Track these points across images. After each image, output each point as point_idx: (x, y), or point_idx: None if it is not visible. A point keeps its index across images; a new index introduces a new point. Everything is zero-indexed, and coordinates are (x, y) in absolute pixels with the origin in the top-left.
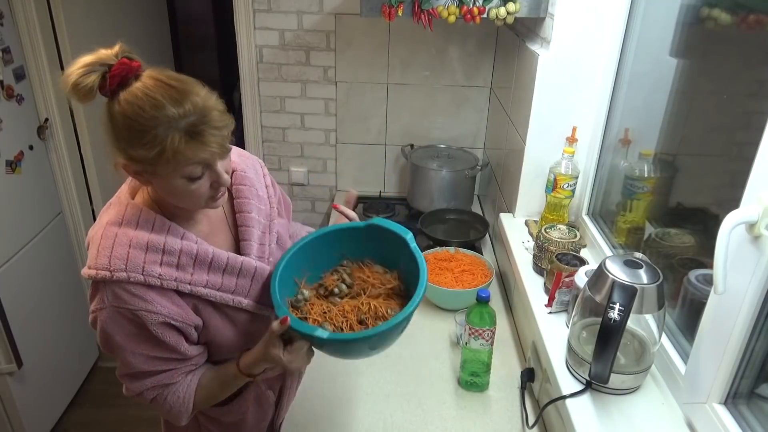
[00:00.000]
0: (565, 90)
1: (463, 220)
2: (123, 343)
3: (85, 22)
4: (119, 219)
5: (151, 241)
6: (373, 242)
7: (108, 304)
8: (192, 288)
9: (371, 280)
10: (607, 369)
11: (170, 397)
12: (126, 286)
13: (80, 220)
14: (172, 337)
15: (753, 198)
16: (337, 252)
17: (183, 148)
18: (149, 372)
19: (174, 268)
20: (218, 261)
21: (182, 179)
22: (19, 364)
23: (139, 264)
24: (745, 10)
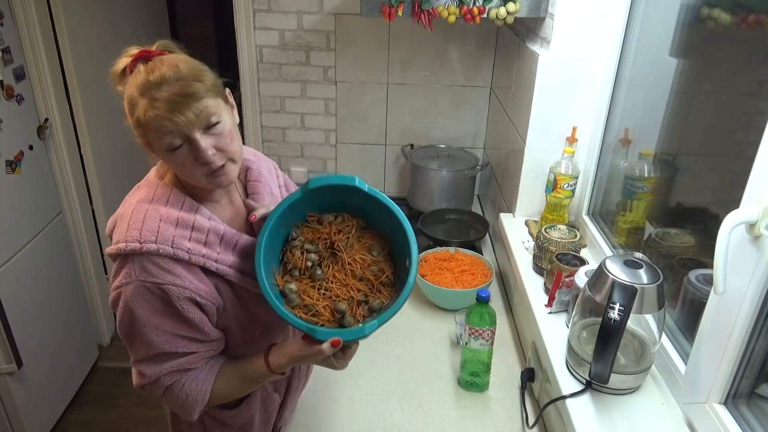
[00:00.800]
0: (565, 90)
1: (463, 220)
2: (147, 319)
3: (85, 22)
4: (150, 197)
5: (181, 218)
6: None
7: (135, 278)
8: (218, 266)
9: (334, 236)
10: (607, 369)
11: (188, 384)
12: (155, 258)
13: (80, 220)
14: (196, 314)
15: (753, 198)
16: (285, 230)
17: (151, 115)
18: (171, 353)
19: (202, 245)
20: (243, 244)
21: (166, 151)
22: (19, 364)
23: (169, 237)
24: (745, 10)
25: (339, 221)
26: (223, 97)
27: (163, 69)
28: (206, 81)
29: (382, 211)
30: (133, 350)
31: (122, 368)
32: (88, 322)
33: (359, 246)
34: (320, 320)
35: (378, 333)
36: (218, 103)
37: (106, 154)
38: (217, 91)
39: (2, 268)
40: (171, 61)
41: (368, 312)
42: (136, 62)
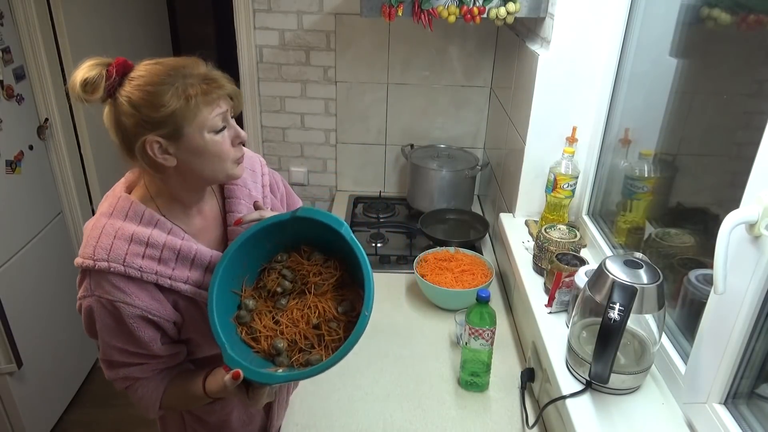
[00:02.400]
0: (565, 90)
1: (463, 220)
2: (101, 332)
3: (85, 21)
4: (110, 210)
5: (136, 234)
6: (304, 234)
7: (91, 293)
8: (172, 283)
9: (312, 275)
10: (607, 369)
11: (140, 390)
12: (107, 276)
13: (80, 220)
14: (147, 332)
15: (753, 198)
16: (271, 245)
17: (203, 95)
18: (122, 363)
19: (156, 262)
20: (201, 258)
21: (209, 134)
22: (19, 364)
23: (121, 255)
24: (745, 10)
25: (326, 265)
26: None
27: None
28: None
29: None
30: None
31: None
32: None
33: (331, 296)
34: (256, 347)
35: (378, 333)
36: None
37: (106, 154)
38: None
39: (2, 268)
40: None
41: (305, 363)
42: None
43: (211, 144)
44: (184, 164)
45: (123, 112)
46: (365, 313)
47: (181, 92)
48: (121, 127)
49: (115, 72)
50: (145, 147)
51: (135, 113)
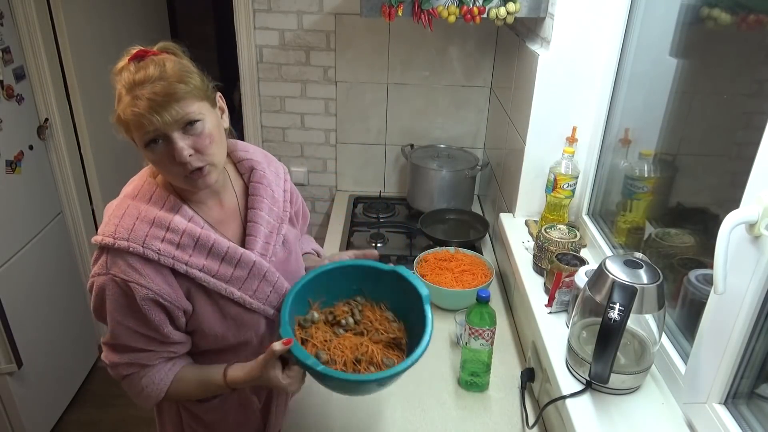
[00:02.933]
0: (565, 90)
1: (463, 220)
2: (112, 311)
3: (85, 21)
4: (135, 192)
5: (158, 218)
6: (390, 287)
7: (106, 271)
8: (187, 269)
9: (377, 324)
10: (607, 369)
11: (145, 379)
12: (125, 255)
13: (80, 220)
14: (157, 315)
15: (753, 198)
16: (355, 286)
17: (129, 113)
18: (129, 347)
19: (174, 247)
20: (218, 248)
21: (144, 147)
22: (19, 364)
23: (142, 236)
24: (745, 10)
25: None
26: (210, 101)
27: (149, 69)
28: (190, 83)
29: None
30: (105, 332)
31: None
32: (88, 322)
33: (382, 347)
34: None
35: None
36: (202, 106)
37: (106, 154)
38: (203, 95)
39: (2, 268)
40: (159, 61)
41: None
42: (131, 61)
43: (148, 156)
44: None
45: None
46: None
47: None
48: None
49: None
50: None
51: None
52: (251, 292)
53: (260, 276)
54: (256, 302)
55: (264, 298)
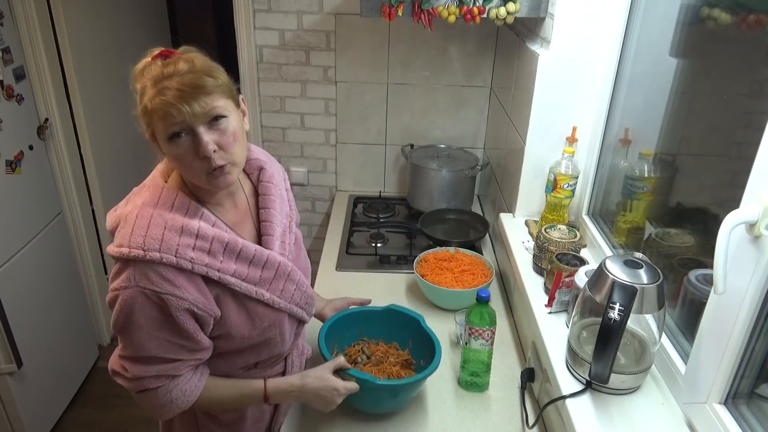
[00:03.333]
0: (565, 90)
1: (463, 220)
2: (141, 324)
3: (85, 21)
4: (155, 200)
5: (186, 225)
6: (388, 323)
7: (134, 283)
8: (220, 275)
9: (387, 354)
10: (607, 369)
11: (175, 390)
12: (157, 267)
13: (80, 220)
14: (191, 324)
15: (753, 198)
16: (357, 330)
17: (157, 101)
18: (159, 358)
19: (206, 254)
20: (246, 252)
21: (168, 140)
22: (19, 364)
23: (173, 246)
24: (745, 10)
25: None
26: (235, 101)
27: (179, 64)
28: (218, 78)
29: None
30: (123, 346)
31: None
32: (88, 322)
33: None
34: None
35: None
36: (228, 103)
37: (106, 154)
38: (229, 92)
39: (2, 268)
40: (188, 58)
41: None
42: (156, 59)
43: (171, 150)
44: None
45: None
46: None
47: (148, 96)
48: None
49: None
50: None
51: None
52: (279, 292)
53: (285, 276)
54: (284, 302)
55: (290, 296)
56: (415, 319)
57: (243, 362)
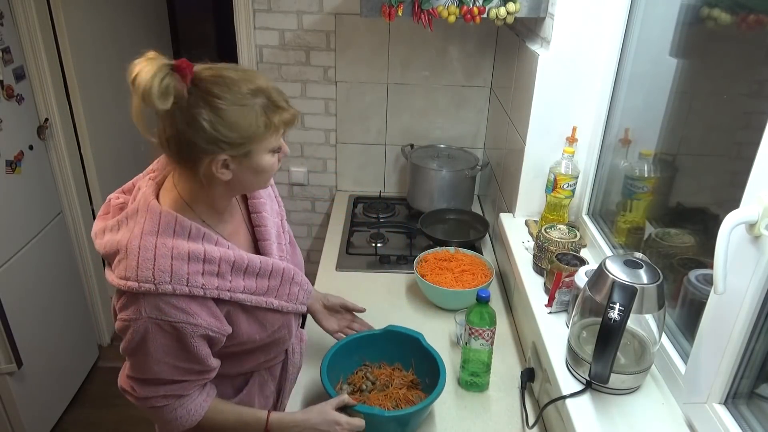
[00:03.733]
0: (565, 90)
1: (463, 220)
2: (153, 352)
3: (85, 21)
4: (155, 228)
5: (192, 251)
6: (388, 344)
7: (145, 315)
8: (231, 294)
9: (395, 380)
10: (607, 369)
11: (180, 410)
12: (169, 299)
13: (80, 220)
14: (204, 349)
15: (753, 198)
16: (358, 356)
17: (278, 117)
18: (167, 380)
19: (215, 277)
20: (252, 266)
21: (268, 153)
22: (19, 364)
23: (184, 275)
24: (745, 10)
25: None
26: None
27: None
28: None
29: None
30: (131, 368)
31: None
32: (88, 322)
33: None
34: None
35: None
36: None
37: (106, 154)
38: None
39: (2, 268)
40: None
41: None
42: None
43: (269, 164)
44: (238, 179)
45: (194, 126)
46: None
47: (262, 115)
48: (183, 138)
49: (187, 80)
50: (209, 164)
51: (212, 132)
52: (286, 297)
53: (290, 280)
54: (291, 304)
55: (295, 298)
56: (415, 337)
57: (252, 362)
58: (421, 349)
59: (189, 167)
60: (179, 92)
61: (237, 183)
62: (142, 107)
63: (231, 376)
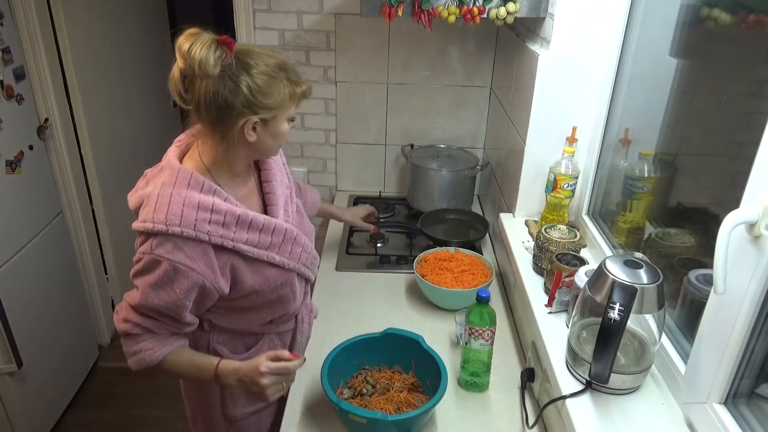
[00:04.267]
0: (565, 90)
1: (463, 220)
2: (150, 283)
3: (85, 21)
4: (173, 180)
5: (202, 201)
6: (387, 347)
7: (153, 251)
8: (234, 244)
9: (395, 383)
10: (607, 369)
11: (145, 343)
12: (176, 240)
13: (80, 220)
14: (187, 300)
15: (753, 198)
16: (357, 360)
17: (297, 89)
18: (147, 314)
19: (220, 226)
20: (256, 222)
21: (286, 121)
22: (19, 364)
23: (192, 221)
24: (745, 10)
25: (402, 375)
26: None
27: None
28: None
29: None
30: (131, 295)
31: (122, 368)
32: (88, 322)
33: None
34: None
35: None
36: None
37: (106, 154)
38: None
39: (2, 268)
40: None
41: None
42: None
43: (285, 130)
44: (260, 141)
45: (236, 92)
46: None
47: (287, 86)
48: (223, 102)
49: (231, 52)
50: (243, 124)
51: (249, 96)
52: (287, 254)
53: (292, 240)
54: (292, 262)
55: (297, 257)
56: (415, 340)
57: (260, 319)
58: (421, 351)
59: (220, 130)
60: (226, 62)
61: (258, 146)
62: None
63: (242, 334)
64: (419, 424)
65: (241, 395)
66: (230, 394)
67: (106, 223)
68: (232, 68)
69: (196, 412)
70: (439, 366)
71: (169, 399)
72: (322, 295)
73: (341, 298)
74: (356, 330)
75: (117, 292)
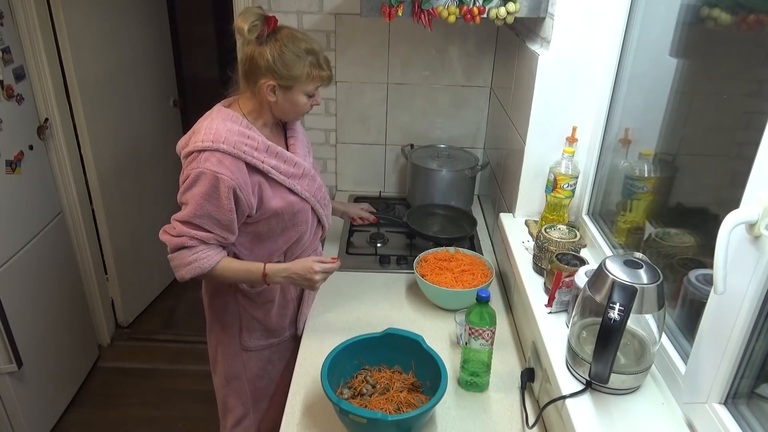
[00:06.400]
0: (565, 90)
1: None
2: (199, 195)
3: (85, 22)
4: (219, 116)
5: (241, 131)
6: (387, 347)
7: (201, 165)
8: (264, 165)
9: (395, 383)
10: (607, 369)
11: (201, 253)
12: (219, 156)
13: (80, 220)
14: (231, 204)
15: (753, 198)
16: (357, 360)
17: (317, 72)
18: (199, 226)
19: (254, 150)
20: (282, 154)
21: (303, 95)
22: (19, 364)
23: (233, 142)
24: (745, 10)
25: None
26: None
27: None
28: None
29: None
30: (180, 213)
31: (122, 368)
32: (88, 322)
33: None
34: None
35: None
36: None
37: (106, 154)
38: None
39: (2, 268)
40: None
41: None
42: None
43: (302, 103)
44: (280, 103)
45: (262, 56)
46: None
47: (307, 66)
48: (253, 63)
49: (269, 28)
50: (263, 84)
51: (270, 62)
52: (305, 186)
53: (309, 176)
54: (308, 193)
55: (312, 191)
56: (415, 340)
57: (277, 249)
58: (421, 351)
59: (250, 85)
60: (261, 32)
61: (279, 106)
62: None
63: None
64: (419, 424)
65: (256, 330)
66: (247, 327)
67: (106, 223)
68: (264, 39)
69: (219, 342)
70: (439, 366)
71: (169, 399)
72: (323, 294)
73: (341, 298)
74: (356, 330)
75: (117, 292)
